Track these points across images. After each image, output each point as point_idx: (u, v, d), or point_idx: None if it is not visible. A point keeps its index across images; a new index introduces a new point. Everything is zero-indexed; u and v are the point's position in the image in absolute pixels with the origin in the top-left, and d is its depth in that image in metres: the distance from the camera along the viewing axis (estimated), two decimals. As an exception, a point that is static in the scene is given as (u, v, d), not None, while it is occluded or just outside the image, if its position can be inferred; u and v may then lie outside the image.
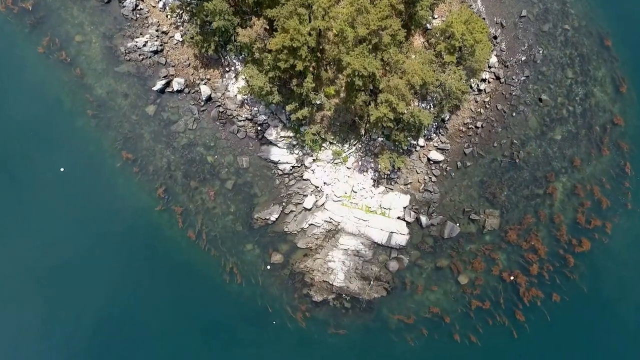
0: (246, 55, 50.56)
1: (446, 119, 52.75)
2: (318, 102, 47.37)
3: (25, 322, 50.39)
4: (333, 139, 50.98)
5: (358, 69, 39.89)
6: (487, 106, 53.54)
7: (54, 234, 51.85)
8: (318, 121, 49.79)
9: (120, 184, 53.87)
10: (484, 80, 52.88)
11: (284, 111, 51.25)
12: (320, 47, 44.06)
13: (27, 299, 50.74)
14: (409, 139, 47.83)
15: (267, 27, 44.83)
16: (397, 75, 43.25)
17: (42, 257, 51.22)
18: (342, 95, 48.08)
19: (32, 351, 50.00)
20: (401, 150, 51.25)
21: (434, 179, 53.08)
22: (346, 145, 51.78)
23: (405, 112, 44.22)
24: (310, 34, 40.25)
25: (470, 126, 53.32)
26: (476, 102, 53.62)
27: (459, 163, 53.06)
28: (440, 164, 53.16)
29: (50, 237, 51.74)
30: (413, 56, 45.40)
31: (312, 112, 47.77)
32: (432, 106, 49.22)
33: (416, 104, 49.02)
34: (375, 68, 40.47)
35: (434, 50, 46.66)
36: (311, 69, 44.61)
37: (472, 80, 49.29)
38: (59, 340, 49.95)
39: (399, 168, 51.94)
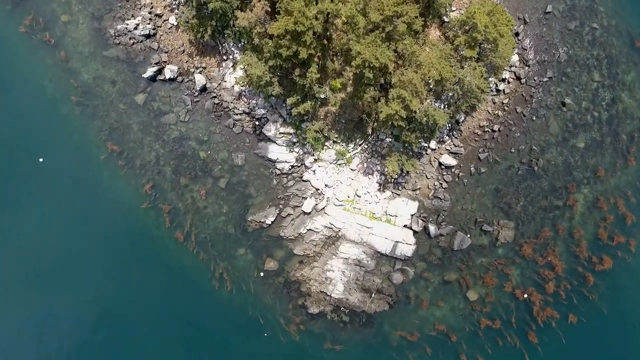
0: (245, 42, 45.31)
1: (461, 120, 47.58)
2: (322, 96, 42.15)
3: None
4: (337, 137, 45.80)
5: (369, 59, 34.69)
6: (506, 108, 48.36)
7: (28, 232, 46.64)
8: (321, 117, 44.58)
9: (104, 177, 48.70)
10: (503, 80, 47.68)
11: (284, 105, 46.03)
12: (327, 35, 38.83)
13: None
14: (420, 140, 42.60)
15: (269, 10, 39.55)
16: (412, 69, 38.03)
17: (13, 258, 46.00)
18: (349, 89, 42.86)
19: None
20: (411, 153, 46.07)
21: (445, 185, 47.96)
22: (351, 145, 46.60)
23: (419, 110, 39.01)
24: (316, 18, 35.04)
25: (486, 129, 48.17)
26: (494, 103, 48.43)
27: (472, 169, 47.93)
28: (453, 170, 48.03)
29: (24, 235, 46.54)
30: (428, 49, 40.14)
31: (315, 107, 42.54)
32: (446, 106, 44.03)
33: (428, 102, 43.78)
34: (388, 59, 35.25)
35: (452, 44, 41.43)
36: (316, 58, 39.41)
37: (491, 79, 44.08)
38: (30, 353, 44.77)
39: (407, 172, 46.78)
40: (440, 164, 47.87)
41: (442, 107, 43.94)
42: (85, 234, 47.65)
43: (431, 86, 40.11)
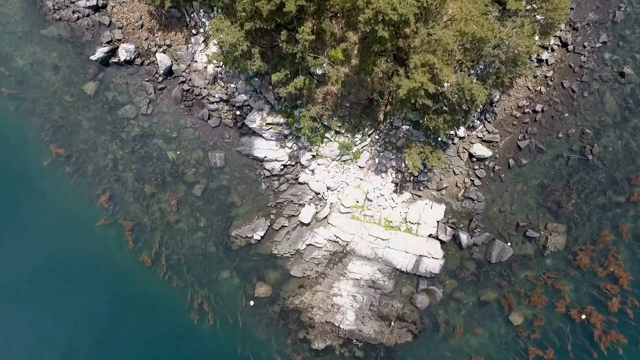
0: (218, 10, 33.63)
1: (495, 100, 36.09)
2: (319, 71, 30.59)
3: None
4: (340, 126, 34.26)
5: (383, 9, 23.17)
6: (550, 83, 36.92)
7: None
8: (319, 101, 32.99)
9: (48, 189, 37.14)
10: (545, 47, 36.15)
11: (271, 88, 34.42)
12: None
13: None
14: (450, 125, 31.14)
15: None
16: (440, 26, 26.53)
17: None
18: (354, 62, 31.28)
19: None
20: (434, 143, 34.60)
21: (477, 182, 36.60)
22: (358, 136, 35.10)
23: (450, 83, 27.55)
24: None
25: (526, 110, 36.78)
26: (535, 77, 36.96)
27: (511, 161, 36.60)
28: (487, 162, 36.65)
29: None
30: (459, 2, 28.60)
31: (310, 85, 30.97)
32: (480, 80, 32.43)
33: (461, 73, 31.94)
34: (409, 9, 23.73)
35: (487, -3, 29.85)
36: (309, 17, 27.78)
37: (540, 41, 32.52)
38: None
39: (430, 167, 35.40)
40: (471, 155, 36.45)
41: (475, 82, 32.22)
42: (26, 261, 36.06)
43: (464, 51, 28.51)
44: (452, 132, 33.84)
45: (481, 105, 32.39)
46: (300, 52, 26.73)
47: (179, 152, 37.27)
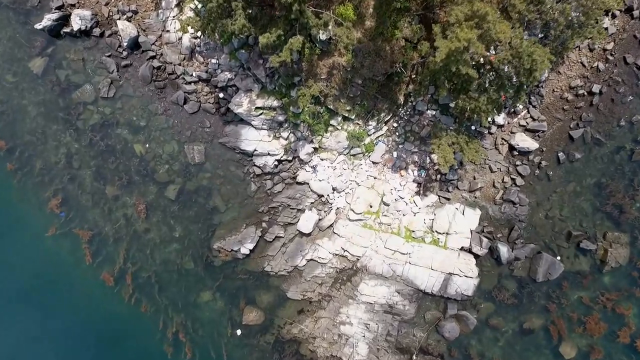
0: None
1: (542, 79, 27.96)
2: (323, 35, 22.41)
3: None
4: (349, 110, 26.08)
5: None
6: (610, 58, 28.83)
7: None
8: (323, 77, 24.77)
9: (-15, 191, 28.97)
10: (606, 12, 27.82)
11: (261, 62, 26.20)
12: None
13: None
14: (494, 107, 23.01)
15: None
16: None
17: None
18: (370, 23, 23.07)
19: None
20: (468, 132, 26.45)
21: (519, 181, 28.56)
22: (372, 124, 26.95)
23: (505, 47, 19.40)
24: None
25: (580, 92, 28.73)
26: (591, 50, 28.79)
27: (561, 154, 28.57)
28: (531, 157, 28.64)
29: None
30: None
31: (311, 56, 22.79)
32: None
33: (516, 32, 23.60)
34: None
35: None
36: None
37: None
38: None
39: (460, 164, 27.37)
40: (511, 148, 28.39)
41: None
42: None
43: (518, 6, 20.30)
44: (495, 116, 25.65)
45: (540, 78, 24.13)
46: (297, 3, 18.44)
47: (148, 145, 29.19)
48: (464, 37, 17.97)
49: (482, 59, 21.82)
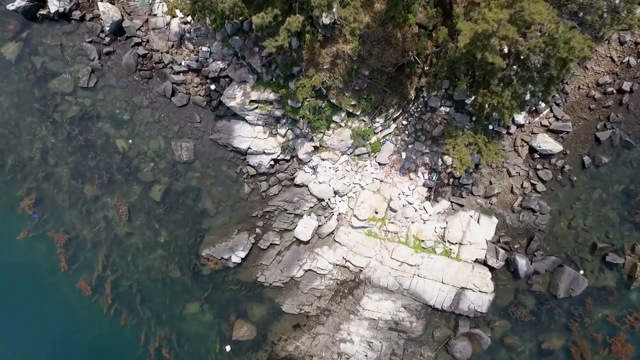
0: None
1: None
2: (326, 19, 19.50)
3: None
4: (354, 106, 23.14)
5: None
6: (641, 52, 25.89)
7: None
8: (325, 67, 21.83)
9: (-49, 189, 26.08)
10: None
11: (257, 50, 23.27)
12: None
13: None
14: (519, 103, 20.12)
15: None
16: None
17: None
18: (379, 6, 20.14)
19: None
20: (486, 132, 23.52)
21: (540, 186, 25.71)
22: (379, 120, 24.03)
23: (539, 30, 16.51)
24: None
25: (609, 89, 25.86)
26: (621, 44, 25.87)
27: (586, 158, 25.72)
28: (553, 160, 25.78)
29: None
30: None
31: (312, 42, 19.86)
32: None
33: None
34: None
35: None
36: None
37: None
38: None
39: (476, 167, 24.48)
40: (532, 150, 25.51)
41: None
42: None
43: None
44: (517, 114, 22.76)
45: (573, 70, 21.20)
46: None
47: (131, 141, 26.29)
48: (493, 18, 15.09)
49: (505, 48, 18.89)
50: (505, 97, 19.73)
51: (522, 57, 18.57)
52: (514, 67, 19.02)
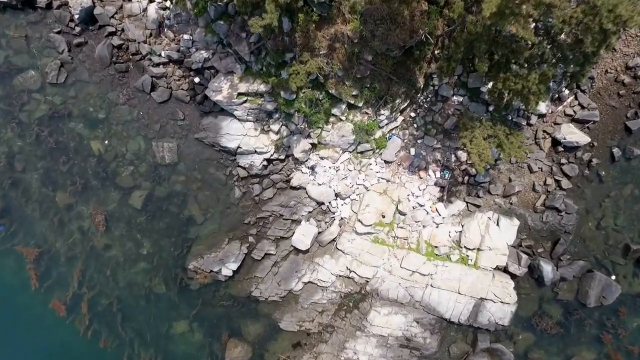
0: None
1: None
2: (323, -5, 16.51)
3: None
4: (356, 96, 20.22)
5: None
6: (675, 30, 22.97)
7: None
8: (322, 52, 18.88)
9: None
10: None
11: (244, 35, 20.33)
12: None
13: None
14: (547, 88, 17.22)
15: None
16: None
17: None
18: (384, -22, 17.19)
19: None
20: (505, 123, 20.63)
21: (565, 183, 22.88)
22: (384, 112, 21.14)
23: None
24: None
25: (639, 73, 22.92)
26: (652, 21, 22.81)
27: (615, 150, 22.93)
28: (579, 153, 22.92)
29: None
30: None
31: (306, 23, 16.92)
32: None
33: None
34: None
35: None
36: None
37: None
38: None
39: (495, 162, 21.65)
40: (556, 142, 22.65)
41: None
42: None
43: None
44: (544, 101, 19.87)
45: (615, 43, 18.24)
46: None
47: (108, 142, 23.41)
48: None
49: (532, 23, 16.02)
50: (532, 80, 16.86)
51: (552, 32, 15.67)
52: (544, 44, 16.11)
